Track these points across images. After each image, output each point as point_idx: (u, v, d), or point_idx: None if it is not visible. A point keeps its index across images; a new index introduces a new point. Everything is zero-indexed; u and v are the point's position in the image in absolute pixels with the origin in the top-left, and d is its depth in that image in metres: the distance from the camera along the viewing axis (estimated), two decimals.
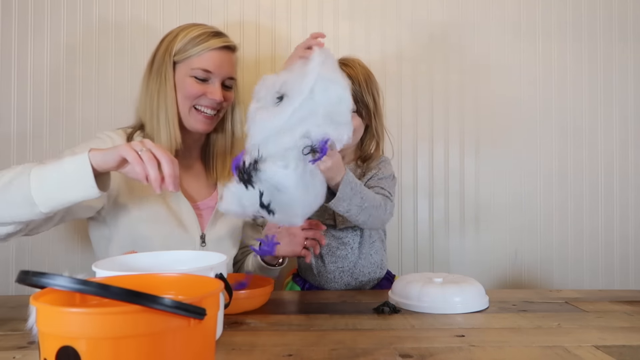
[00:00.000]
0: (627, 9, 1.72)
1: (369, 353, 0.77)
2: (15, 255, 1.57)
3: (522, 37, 1.71)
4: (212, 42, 1.22)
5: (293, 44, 1.65)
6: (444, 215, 1.70)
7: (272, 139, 0.93)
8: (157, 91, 1.22)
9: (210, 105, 1.24)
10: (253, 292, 1.01)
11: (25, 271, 0.52)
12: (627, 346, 0.81)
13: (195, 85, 1.22)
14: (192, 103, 1.23)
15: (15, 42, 1.58)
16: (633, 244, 1.73)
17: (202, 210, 1.28)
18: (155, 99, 1.22)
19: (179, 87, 1.23)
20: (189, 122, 1.25)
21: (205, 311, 0.53)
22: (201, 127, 1.25)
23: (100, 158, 0.93)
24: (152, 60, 1.25)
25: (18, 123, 1.57)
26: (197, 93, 1.22)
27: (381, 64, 1.67)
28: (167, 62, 1.22)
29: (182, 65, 1.22)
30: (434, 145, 1.70)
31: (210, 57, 1.22)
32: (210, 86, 1.23)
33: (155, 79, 1.23)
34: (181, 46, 1.22)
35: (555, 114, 1.72)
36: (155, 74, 1.23)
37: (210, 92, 1.23)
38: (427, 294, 1.02)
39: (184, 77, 1.22)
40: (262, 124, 0.94)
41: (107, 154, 0.93)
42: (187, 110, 1.24)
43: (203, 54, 1.22)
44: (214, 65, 1.22)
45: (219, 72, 1.24)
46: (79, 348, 0.49)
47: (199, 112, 1.24)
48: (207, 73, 1.22)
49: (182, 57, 1.22)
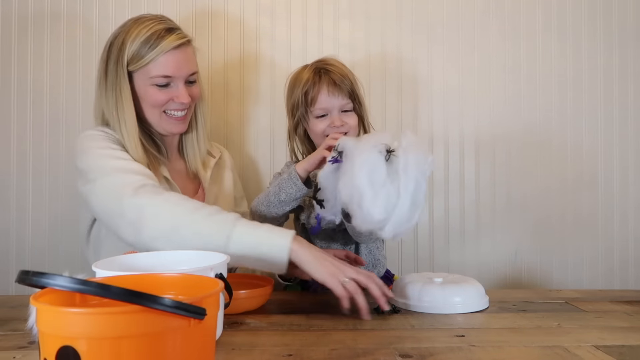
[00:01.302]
0: (627, 9, 1.72)
1: (369, 353, 0.77)
2: (15, 255, 1.57)
3: (522, 37, 1.71)
4: (164, 44, 1.15)
5: (293, 44, 1.66)
6: (444, 215, 1.70)
7: None
8: (115, 104, 1.18)
9: (179, 108, 1.22)
10: (253, 292, 1.01)
11: (25, 271, 0.52)
12: (626, 346, 0.81)
13: (158, 93, 1.18)
14: (161, 109, 1.21)
15: (15, 46, 1.58)
16: (633, 244, 1.73)
17: None
18: (115, 111, 1.17)
19: (141, 97, 1.19)
20: (163, 127, 1.23)
21: (205, 311, 0.53)
22: (176, 130, 1.24)
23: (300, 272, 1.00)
24: (105, 70, 1.19)
25: (18, 122, 1.58)
26: (163, 100, 1.19)
27: (381, 64, 1.67)
28: (120, 75, 1.16)
29: (139, 75, 1.17)
30: (434, 146, 1.70)
31: (167, 61, 1.16)
32: (175, 90, 1.19)
33: (110, 92, 1.18)
34: (133, 54, 1.15)
35: (555, 115, 1.72)
36: (111, 85, 1.18)
37: (177, 96, 1.19)
38: (427, 294, 1.01)
39: (144, 86, 1.18)
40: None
41: (309, 266, 0.95)
42: (157, 117, 1.21)
43: (158, 59, 1.15)
44: (172, 68, 1.17)
45: (179, 73, 1.18)
46: (79, 348, 0.49)
47: (170, 116, 1.22)
48: (167, 78, 1.17)
49: (136, 67, 1.16)
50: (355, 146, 1.00)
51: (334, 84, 1.25)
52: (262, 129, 1.66)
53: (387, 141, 0.98)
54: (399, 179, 0.93)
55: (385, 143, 0.98)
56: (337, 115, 1.26)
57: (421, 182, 0.95)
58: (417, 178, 0.94)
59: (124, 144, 1.17)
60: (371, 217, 0.91)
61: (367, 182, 0.93)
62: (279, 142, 1.65)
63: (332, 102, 1.26)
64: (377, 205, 0.90)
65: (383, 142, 0.98)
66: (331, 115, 1.27)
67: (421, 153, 0.96)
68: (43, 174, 1.58)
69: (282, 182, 1.18)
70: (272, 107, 1.66)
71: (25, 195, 1.58)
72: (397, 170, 0.94)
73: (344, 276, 0.94)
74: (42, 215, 1.58)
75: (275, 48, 1.66)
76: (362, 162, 0.96)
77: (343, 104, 1.26)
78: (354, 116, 1.29)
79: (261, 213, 1.23)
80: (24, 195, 1.58)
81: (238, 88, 1.65)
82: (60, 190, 1.57)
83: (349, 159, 1.00)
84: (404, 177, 0.92)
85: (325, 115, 1.27)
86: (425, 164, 0.95)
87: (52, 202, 1.58)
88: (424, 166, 0.95)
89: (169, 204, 1.01)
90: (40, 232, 1.58)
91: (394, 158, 0.96)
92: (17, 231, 1.58)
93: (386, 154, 0.96)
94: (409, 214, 0.93)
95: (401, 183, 0.92)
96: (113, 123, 1.19)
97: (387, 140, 0.98)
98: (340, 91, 1.25)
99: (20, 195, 1.58)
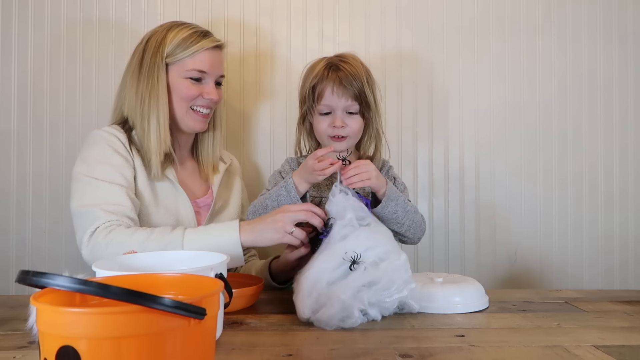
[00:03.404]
0: (627, 9, 1.72)
1: (368, 353, 0.77)
2: (15, 255, 1.57)
3: (522, 38, 1.71)
4: (204, 42, 1.24)
5: (293, 44, 1.66)
6: (444, 215, 1.70)
7: None
8: (149, 93, 1.22)
9: (206, 105, 1.27)
10: (241, 291, 1.01)
11: (25, 271, 0.52)
12: (626, 346, 0.81)
13: (191, 87, 1.24)
14: (189, 104, 1.25)
15: (15, 40, 1.58)
16: (633, 244, 1.73)
17: (200, 208, 1.30)
18: (147, 101, 1.22)
19: (173, 89, 1.24)
20: (186, 122, 1.27)
21: (205, 311, 0.53)
22: (198, 127, 1.28)
23: (251, 241, 1.06)
24: (141, 60, 1.24)
25: (18, 122, 1.58)
26: (194, 94, 1.24)
27: (381, 64, 1.67)
28: (159, 65, 1.22)
29: (175, 67, 1.24)
30: (434, 146, 1.70)
31: (204, 58, 1.24)
32: (206, 86, 1.26)
33: (145, 81, 1.22)
34: (173, 48, 1.23)
35: (555, 116, 1.72)
36: (146, 75, 1.22)
37: (207, 93, 1.26)
38: (427, 294, 1.01)
39: (178, 79, 1.24)
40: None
41: (258, 239, 1.06)
42: (184, 111, 1.25)
43: (197, 55, 1.23)
44: (208, 65, 1.25)
45: (213, 71, 1.26)
46: (79, 348, 0.49)
47: (196, 112, 1.27)
48: (201, 73, 1.25)
49: (175, 59, 1.23)
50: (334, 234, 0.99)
51: (339, 82, 1.20)
52: (262, 129, 1.66)
53: (361, 249, 0.95)
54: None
55: (355, 252, 0.94)
56: (340, 116, 1.22)
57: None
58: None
59: (149, 133, 1.20)
60: (302, 313, 0.92)
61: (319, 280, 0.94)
62: (279, 142, 1.65)
63: (336, 101, 1.21)
64: (306, 306, 0.91)
65: (355, 250, 0.94)
66: (335, 114, 1.23)
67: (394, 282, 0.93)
68: (43, 174, 1.58)
69: (280, 197, 1.15)
70: (272, 107, 1.66)
71: (25, 195, 1.58)
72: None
73: (287, 225, 1.04)
74: (41, 215, 1.58)
75: (275, 48, 1.66)
76: (325, 263, 0.96)
77: (347, 104, 1.21)
78: (358, 119, 1.24)
79: None
80: (24, 195, 1.58)
81: (238, 88, 1.65)
82: (60, 191, 1.57)
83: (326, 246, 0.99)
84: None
85: (329, 113, 1.23)
86: (392, 294, 0.93)
87: (52, 202, 1.58)
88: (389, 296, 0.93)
89: (127, 241, 1.06)
90: (40, 233, 1.58)
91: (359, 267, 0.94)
92: (17, 231, 1.58)
93: (351, 264, 0.94)
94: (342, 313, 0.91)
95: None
96: (136, 116, 1.23)
97: (361, 248, 0.95)
98: (345, 91, 1.20)
99: (21, 195, 1.58)
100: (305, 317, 0.91)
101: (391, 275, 0.92)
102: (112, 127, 1.24)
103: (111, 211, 1.11)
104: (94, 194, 1.13)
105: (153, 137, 1.21)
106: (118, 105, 1.29)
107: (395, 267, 0.93)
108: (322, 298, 0.91)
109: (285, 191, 1.15)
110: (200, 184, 1.35)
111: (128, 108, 1.25)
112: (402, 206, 1.16)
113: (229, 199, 1.38)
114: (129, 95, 1.25)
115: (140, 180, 1.20)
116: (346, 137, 1.24)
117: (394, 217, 1.15)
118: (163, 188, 1.24)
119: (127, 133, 1.23)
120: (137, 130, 1.23)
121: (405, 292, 0.93)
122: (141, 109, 1.22)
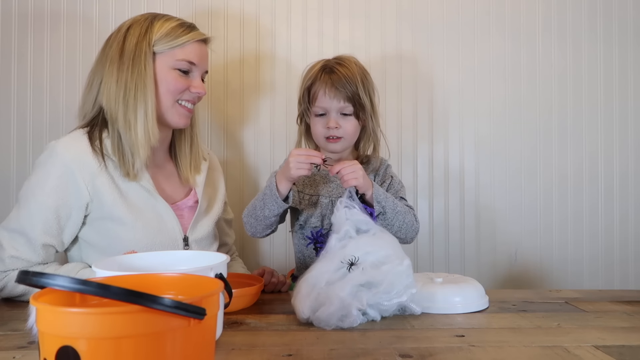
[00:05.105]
0: (627, 9, 1.72)
1: (368, 353, 0.77)
2: None
3: (522, 37, 1.71)
4: (194, 34, 1.19)
5: (293, 43, 1.66)
6: (443, 215, 1.70)
7: None
8: (134, 82, 1.13)
9: (192, 100, 1.21)
10: (241, 291, 1.01)
11: (25, 271, 0.52)
12: (626, 346, 0.81)
13: (179, 78, 1.17)
14: (175, 98, 1.18)
15: (15, 43, 1.58)
16: (633, 244, 1.73)
17: (183, 211, 1.23)
18: (132, 91, 1.13)
19: (159, 80, 1.16)
20: (172, 117, 1.19)
21: (205, 311, 0.53)
22: (182, 122, 1.21)
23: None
24: (121, 49, 1.15)
25: (18, 122, 1.58)
26: (182, 87, 1.18)
27: (381, 63, 1.67)
28: (145, 52, 1.14)
29: (164, 57, 1.16)
30: (434, 146, 1.70)
31: (193, 49, 1.19)
32: (193, 80, 1.20)
33: (130, 69, 1.13)
34: (161, 36, 1.16)
35: (555, 115, 1.72)
36: (130, 63, 1.13)
37: (194, 86, 1.20)
38: (427, 294, 1.01)
39: (165, 69, 1.16)
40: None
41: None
42: (170, 104, 1.18)
43: (187, 45, 1.18)
44: (197, 57, 1.19)
45: (201, 64, 1.21)
46: (79, 348, 0.49)
47: (182, 106, 1.20)
48: (191, 65, 1.18)
49: (164, 48, 1.16)
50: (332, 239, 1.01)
51: (332, 85, 1.22)
52: (262, 129, 1.66)
53: (360, 253, 0.96)
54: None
55: (354, 256, 0.95)
56: (334, 117, 1.24)
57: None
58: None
59: (135, 125, 1.12)
60: (302, 312, 0.92)
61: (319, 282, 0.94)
62: (279, 142, 1.65)
63: (329, 102, 1.23)
64: (306, 306, 0.92)
65: (354, 254, 0.96)
66: (329, 115, 1.24)
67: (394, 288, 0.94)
68: None
69: (265, 197, 1.16)
70: (272, 107, 1.66)
71: None
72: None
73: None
74: None
75: (275, 48, 1.66)
76: (325, 266, 0.97)
77: (341, 106, 1.23)
78: (353, 121, 1.25)
79: (252, 225, 1.22)
80: None
81: (238, 87, 1.65)
82: None
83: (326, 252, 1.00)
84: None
85: (324, 114, 1.25)
86: (392, 298, 0.94)
87: None
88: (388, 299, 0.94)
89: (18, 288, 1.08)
90: None
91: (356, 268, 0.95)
92: None
93: (349, 266, 0.95)
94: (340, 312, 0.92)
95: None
96: (117, 107, 1.13)
97: (360, 252, 0.96)
98: (338, 93, 1.22)
99: None
100: (305, 317, 0.91)
101: (392, 279, 0.93)
102: (74, 135, 1.14)
103: (16, 258, 1.09)
104: (10, 235, 1.09)
105: (140, 129, 1.12)
106: (88, 99, 1.18)
107: (397, 272, 0.93)
108: (321, 297, 0.91)
109: (269, 190, 1.16)
110: (180, 185, 1.27)
111: (107, 99, 1.14)
112: (391, 207, 1.16)
113: (213, 195, 1.32)
114: (107, 85, 1.14)
115: (109, 193, 1.11)
116: (341, 138, 1.25)
117: (384, 217, 1.16)
118: (138, 196, 1.15)
119: (98, 133, 1.14)
120: (119, 124, 1.13)
121: (404, 297, 0.94)
122: (125, 99, 1.12)
